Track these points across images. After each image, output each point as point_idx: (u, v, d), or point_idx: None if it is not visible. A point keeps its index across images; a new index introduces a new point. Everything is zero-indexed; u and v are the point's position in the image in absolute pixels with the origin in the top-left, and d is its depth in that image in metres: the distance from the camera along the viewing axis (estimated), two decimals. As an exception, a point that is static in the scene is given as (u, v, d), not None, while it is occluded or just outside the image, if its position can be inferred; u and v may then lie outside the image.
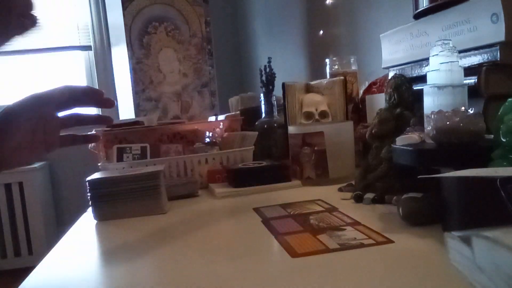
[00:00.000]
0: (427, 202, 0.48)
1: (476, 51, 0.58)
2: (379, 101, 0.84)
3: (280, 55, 2.34)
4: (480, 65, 0.58)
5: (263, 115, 1.04)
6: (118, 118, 1.90)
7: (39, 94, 0.53)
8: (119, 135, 0.92)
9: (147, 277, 0.42)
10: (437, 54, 0.54)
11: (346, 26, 1.62)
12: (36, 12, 0.55)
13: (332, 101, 0.97)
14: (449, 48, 0.53)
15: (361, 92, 1.04)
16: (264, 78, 1.03)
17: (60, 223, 2.97)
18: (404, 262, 0.39)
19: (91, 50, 3.06)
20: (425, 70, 0.60)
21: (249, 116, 1.10)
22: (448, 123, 0.46)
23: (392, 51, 0.79)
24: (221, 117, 1.14)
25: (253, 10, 2.86)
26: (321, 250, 0.43)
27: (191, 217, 0.65)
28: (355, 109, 1.01)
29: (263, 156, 0.96)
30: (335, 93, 0.97)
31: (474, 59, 0.58)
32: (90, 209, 0.69)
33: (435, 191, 0.46)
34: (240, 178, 0.78)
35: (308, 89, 1.02)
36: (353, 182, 0.69)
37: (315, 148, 0.77)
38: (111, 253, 0.51)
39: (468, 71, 0.57)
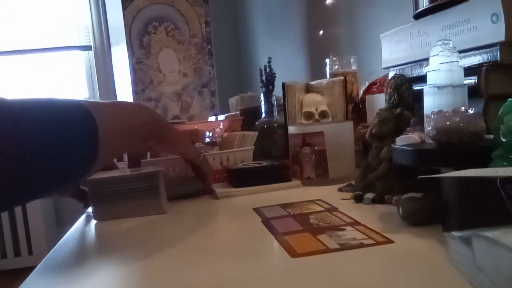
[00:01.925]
0: (427, 202, 0.48)
1: (476, 51, 0.58)
2: (379, 101, 0.84)
3: (280, 55, 2.34)
4: (480, 65, 0.58)
5: (263, 115, 1.04)
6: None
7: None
8: (119, 135, 0.92)
9: (147, 277, 0.42)
10: (437, 54, 0.54)
11: (346, 26, 1.62)
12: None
13: (332, 101, 0.97)
14: (449, 48, 0.53)
15: (361, 92, 1.04)
16: (264, 78, 1.03)
17: (60, 223, 2.97)
18: (404, 262, 0.39)
19: (91, 50, 3.06)
20: (425, 70, 0.59)
21: (249, 116, 1.11)
22: (448, 123, 0.46)
23: (392, 51, 0.79)
24: (221, 117, 1.14)
25: (253, 10, 2.86)
26: (321, 250, 0.43)
27: (191, 217, 0.65)
28: (355, 109, 1.01)
29: (263, 156, 0.96)
30: (335, 93, 0.97)
31: (474, 59, 0.58)
32: (90, 209, 0.69)
33: (435, 191, 0.46)
34: (240, 178, 0.78)
35: (308, 89, 1.02)
36: (353, 182, 0.69)
37: (315, 148, 0.77)
38: (111, 253, 0.51)
39: (468, 71, 0.57)
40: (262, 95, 1.04)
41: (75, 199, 0.72)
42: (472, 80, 0.58)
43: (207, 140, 0.97)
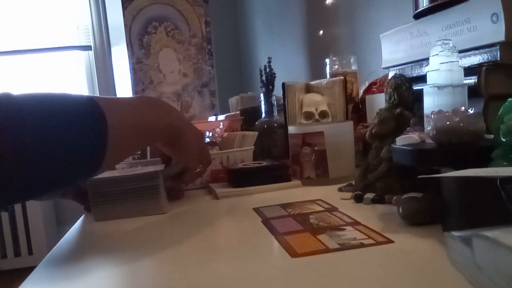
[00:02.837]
0: (427, 202, 0.48)
1: (476, 51, 0.58)
2: (379, 101, 0.84)
3: (280, 55, 2.34)
4: (480, 65, 0.58)
5: (263, 115, 1.04)
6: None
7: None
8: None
9: (147, 277, 0.42)
10: (437, 54, 0.54)
11: (346, 26, 1.62)
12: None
13: (332, 101, 0.97)
14: (449, 48, 0.53)
15: (361, 92, 1.04)
16: (264, 78, 1.03)
17: (60, 223, 2.97)
18: (404, 262, 0.39)
19: (91, 50, 3.06)
20: (425, 70, 0.59)
21: (249, 116, 1.11)
22: (448, 123, 0.46)
23: (392, 51, 0.79)
24: (221, 117, 1.14)
25: (253, 10, 2.86)
26: (321, 250, 0.43)
27: (191, 217, 0.65)
28: (355, 109, 1.01)
29: (263, 156, 0.96)
30: (335, 93, 0.97)
31: (474, 59, 0.58)
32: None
33: (435, 191, 0.46)
34: (240, 178, 0.78)
35: (308, 89, 1.02)
36: (353, 182, 0.69)
37: (315, 148, 0.77)
38: (111, 253, 0.51)
39: (468, 71, 0.57)
40: (262, 95, 1.04)
41: (77, 201, 0.71)
42: (472, 80, 0.58)
43: (207, 140, 0.97)
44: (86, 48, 3.08)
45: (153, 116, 0.57)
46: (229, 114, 1.23)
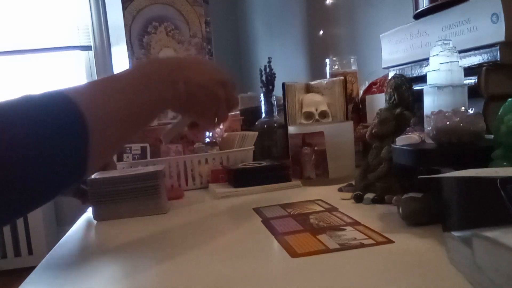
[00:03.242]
0: (427, 202, 0.48)
1: (476, 51, 0.58)
2: (379, 101, 0.84)
3: (280, 55, 2.34)
4: (480, 65, 0.58)
5: (263, 115, 1.04)
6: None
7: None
8: (119, 135, 0.91)
9: (147, 277, 0.42)
10: (437, 54, 0.54)
11: (346, 26, 1.62)
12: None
13: (332, 101, 0.97)
14: (449, 48, 0.53)
15: (361, 92, 1.04)
16: (264, 78, 1.03)
17: (60, 223, 2.97)
18: (404, 262, 0.39)
19: (91, 50, 3.06)
20: (425, 70, 0.60)
21: (249, 116, 1.11)
22: (448, 123, 0.46)
23: (392, 51, 0.79)
24: (221, 117, 1.13)
25: (253, 10, 2.86)
26: (321, 250, 0.43)
27: (191, 217, 0.65)
28: (355, 109, 1.01)
29: (263, 156, 0.96)
30: (335, 93, 0.97)
31: (474, 59, 0.58)
32: (90, 209, 0.69)
33: (435, 191, 0.46)
34: (240, 178, 0.78)
35: (308, 89, 1.02)
36: (353, 182, 0.69)
37: (315, 148, 0.77)
38: (111, 253, 0.51)
39: (468, 71, 0.57)
40: (262, 95, 1.04)
41: (77, 198, 0.71)
42: (472, 80, 0.58)
43: (207, 140, 0.97)
44: (86, 48, 3.08)
45: (152, 91, 0.48)
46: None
